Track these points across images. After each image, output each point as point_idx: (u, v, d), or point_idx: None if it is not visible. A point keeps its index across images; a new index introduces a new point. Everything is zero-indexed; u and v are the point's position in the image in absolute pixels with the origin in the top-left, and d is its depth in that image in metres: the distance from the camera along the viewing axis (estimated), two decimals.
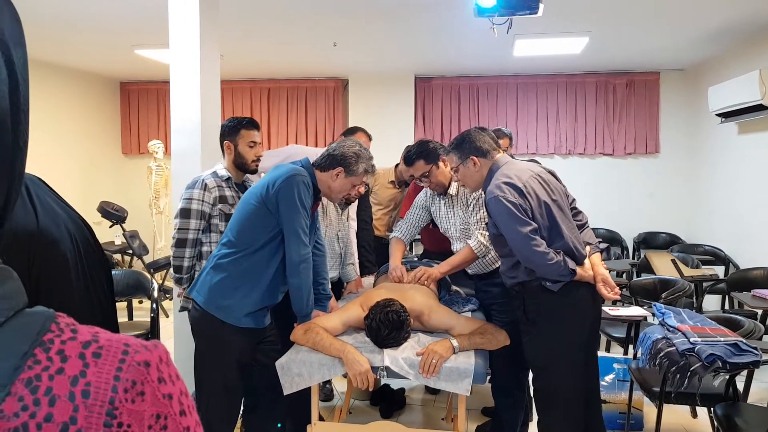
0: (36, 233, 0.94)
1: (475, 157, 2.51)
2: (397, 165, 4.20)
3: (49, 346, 0.46)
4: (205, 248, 2.83)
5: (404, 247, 3.09)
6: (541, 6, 3.25)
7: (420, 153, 2.87)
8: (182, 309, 2.97)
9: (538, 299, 2.41)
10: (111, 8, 4.20)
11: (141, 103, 7.58)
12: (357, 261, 3.45)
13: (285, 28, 4.74)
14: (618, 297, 2.52)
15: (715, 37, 4.99)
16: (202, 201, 2.76)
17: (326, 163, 2.45)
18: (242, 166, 2.88)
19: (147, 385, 0.49)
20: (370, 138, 3.73)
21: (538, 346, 2.45)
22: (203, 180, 2.79)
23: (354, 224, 3.45)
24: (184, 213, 2.75)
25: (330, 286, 2.85)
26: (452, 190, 2.90)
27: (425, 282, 2.78)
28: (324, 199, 2.76)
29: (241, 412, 2.57)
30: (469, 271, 2.97)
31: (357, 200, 3.41)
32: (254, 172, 2.94)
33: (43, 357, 0.45)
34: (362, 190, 2.59)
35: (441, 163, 2.86)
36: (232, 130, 2.87)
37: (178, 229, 2.77)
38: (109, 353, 0.48)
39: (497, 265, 2.84)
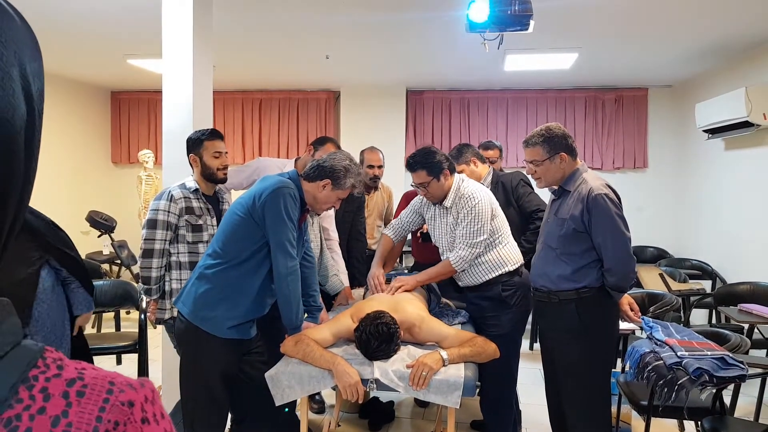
0: None
1: (565, 154, 2.57)
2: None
3: (33, 383, 0.45)
4: (173, 259, 2.91)
5: (391, 245, 3.12)
6: (532, 22, 3.29)
7: (425, 164, 2.78)
8: (158, 321, 2.97)
9: (598, 307, 2.54)
10: (104, 18, 4.20)
11: (132, 113, 7.57)
12: (343, 271, 3.41)
13: (278, 40, 4.76)
14: (640, 322, 2.78)
15: (703, 55, 5.07)
16: (168, 212, 2.84)
17: (314, 173, 2.46)
18: (210, 177, 2.95)
19: (130, 426, 0.48)
20: (339, 148, 3.72)
21: (589, 353, 2.55)
22: (170, 192, 2.88)
23: (335, 236, 3.43)
24: (151, 224, 2.83)
25: (320, 298, 2.85)
26: (447, 203, 2.85)
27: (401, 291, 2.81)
28: None
29: (228, 424, 2.55)
30: (459, 283, 2.97)
31: (333, 212, 3.41)
32: (223, 181, 3.00)
33: (26, 395, 0.44)
34: (338, 205, 2.62)
35: (442, 178, 2.79)
36: (195, 143, 2.94)
37: (145, 239, 2.84)
38: (93, 392, 0.47)
39: (488, 278, 2.84)
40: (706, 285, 5.23)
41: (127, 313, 5.83)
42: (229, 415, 2.53)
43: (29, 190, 0.50)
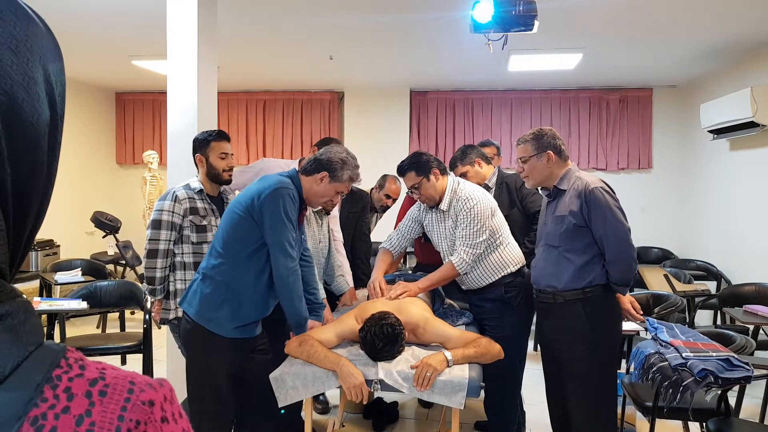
0: None
1: (552, 153, 2.57)
2: (372, 189, 4.09)
3: (56, 383, 0.46)
4: (177, 259, 2.91)
5: (390, 259, 3.07)
6: (536, 23, 3.29)
7: (412, 164, 2.85)
8: (162, 321, 2.98)
9: (604, 306, 2.54)
10: (109, 19, 4.21)
11: (136, 113, 7.58)
12: (348, 272, 3.41)
13: (282, 41, 4.76)
14: (644, 321, 2.76)
15: (708, 56, 5.06)
16: (173, 212, 2.85)
17: (311, 167, 2.46)
18: (215, 178, 2.95)
19: (150, 425, 0.49)
20: None
21: (594, 353, 2.53)
22: (174, 192, 2.88)
23: (339, 236, 3.43)
24: (155, 224, 2.84)
25: (321, 295, 2.84)
26: (443, 206, 2.84)
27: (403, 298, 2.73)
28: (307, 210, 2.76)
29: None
30: (462, 286, 2.96)
31: (338, 211, 3.41)
32: (228, 182, 3.00)
33: (50, 394, 0.45)
34: (338, 200, 2.61)
35: (432, 177, 2.82)
36: (202, 143, 2.94)
37: (150, 240, 2.85)
38: (115, 392, 0.48)
39: (490, 280, 2.84)
40: (711, 286, 5.21)
41: (132, 313, 5.85)
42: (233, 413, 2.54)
43: (50, 191, 0.51)
